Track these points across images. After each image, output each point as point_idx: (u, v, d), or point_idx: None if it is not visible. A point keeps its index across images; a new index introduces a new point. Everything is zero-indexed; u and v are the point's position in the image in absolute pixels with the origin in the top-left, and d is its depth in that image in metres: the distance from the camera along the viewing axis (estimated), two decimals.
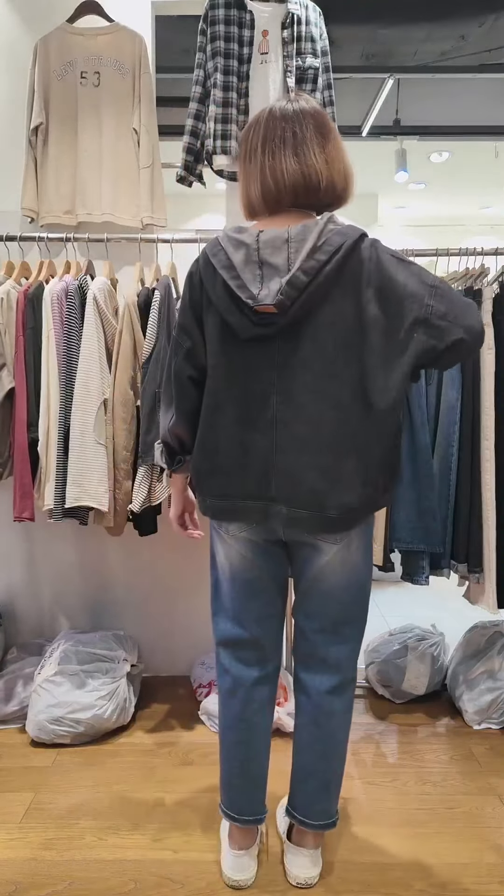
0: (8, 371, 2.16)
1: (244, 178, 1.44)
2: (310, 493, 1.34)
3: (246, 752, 1.56)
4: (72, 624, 2.63)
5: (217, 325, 1.38)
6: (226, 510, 1.42)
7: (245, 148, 1.43)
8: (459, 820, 1.82)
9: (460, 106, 4.65)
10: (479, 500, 2.13)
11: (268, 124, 1.39)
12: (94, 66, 2.37)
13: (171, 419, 1.47)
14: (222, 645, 1.57)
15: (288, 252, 1.31)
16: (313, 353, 1.32)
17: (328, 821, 1.58)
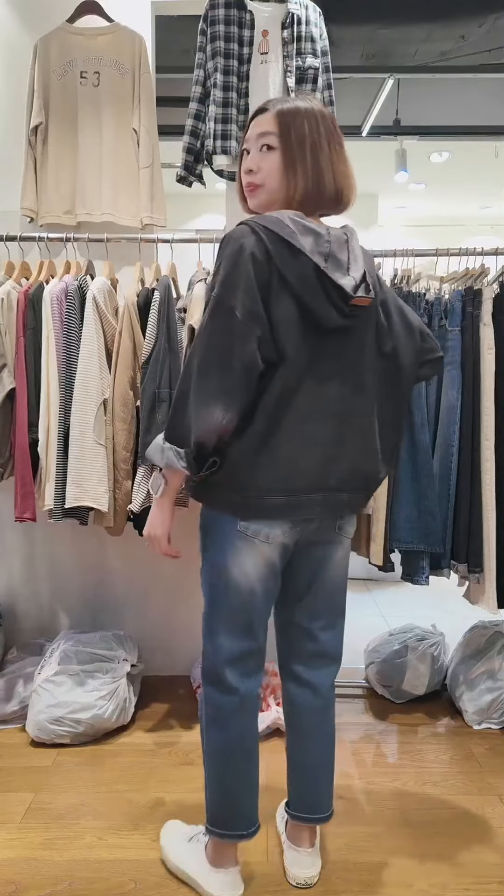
0: (8, 371, 2.16)
1: (292, 166, 1.35)
2: (365, 477, 1.44)
3: (254, 763, 1.52)
4: (72, 624, 2.63)
5: (293, 310, 1.30)
6: (283, 507, 1.35)
7: (314, 135, 1.35)
8: (459, 820, 1.82)
9: (460, 106, 4.65)
10: (479, 500, 2.13)
11: (328, 122, 1.38)
12: (94, 65, 2.37)
13: (223, 417, 1.27)
14: (230, 664, 1.45)
15: (348, 252, 1.36)
16: (367, 347, 1.42)
17: (330, 811, 1.61)
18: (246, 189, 1.43)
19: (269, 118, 1.38)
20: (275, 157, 1.36)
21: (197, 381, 1.28)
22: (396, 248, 2.23)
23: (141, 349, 2.13)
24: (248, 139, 1.42)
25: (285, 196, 1.37)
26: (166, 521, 1.44)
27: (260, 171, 1.38)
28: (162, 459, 1.34)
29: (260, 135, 1.38)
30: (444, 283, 2.31)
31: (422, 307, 2.17)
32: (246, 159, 1.43)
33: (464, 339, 2.14)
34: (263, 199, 1.40)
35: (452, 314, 2.15)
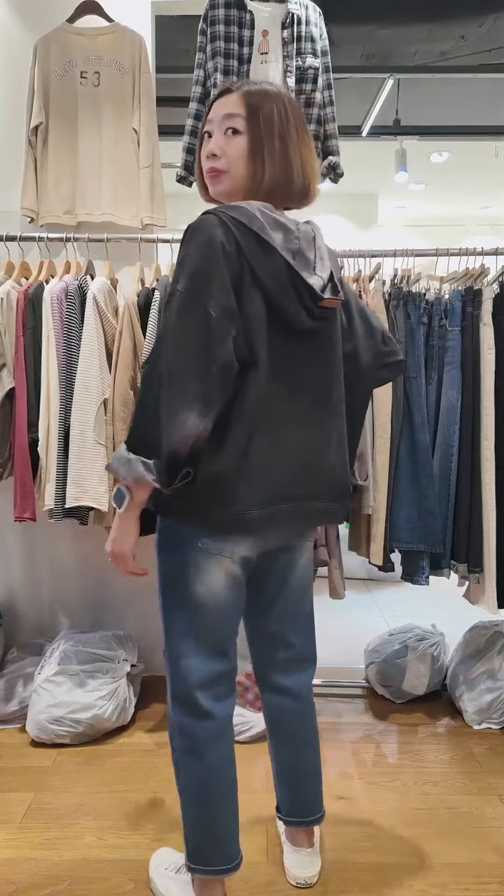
0: (8, 371, 2.16)
1: (259, 152, 1.26)
2: (340, 484, 1.39)
3: (235, 792, 1.42)
4: (72, 624, 2.63)
5: (264, 309, 1.22)
6: (259, 521, 1.25)
7: (283, 121, 1.28)
8: (459, 820, 1.82)
9: (460, 106, 4.66)
10: (479, 500, 2.13)
11: (296, 109, 1.31)
12: (94, 65, 2.37)
13: (199, 424, 1.14)
14: (202, 688, 1.35)
15: (315, 250, 1.28)
16: (335, 350, 1.37)
17: (322, 811, 1.60)
18: (207, 175, 1.31)
19: (235, 99, 1.29)
20: (241, 141, 1.27)
21: (169, 385, 1.14)
22: (396, 248, 2.23)
23: (141, 349, 2.13)
24: (212, 120, 1.31)
25: (250, 185, 1.28)
26: (132, 537, 1.34)
27: (224, 156, 1.28)
28: (129, 472, 1.19)
29: (225, 116, 1.28)
30: (444, 283, 2.31)
31: (422, 307, 2.17)
32: (208, 142, 1.32)
33: (464, 339, 2.14)
34: (227, 186, 1.30)
35: (452, 314, 2.15)
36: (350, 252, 2.25)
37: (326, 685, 2.57)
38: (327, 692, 2.53)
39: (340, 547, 2.24)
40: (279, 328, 1.24)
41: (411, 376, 2.15)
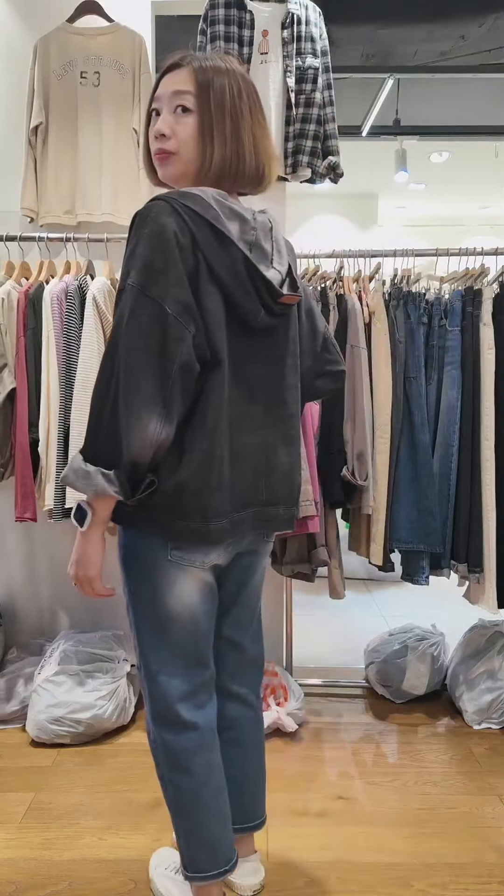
0: (9, 371, 2.16)
1: (208, 132, 1.17)
2: (296, 488, 1.35)
3: (225, 796, 1.39)
4: (72, 624, 2.63)
5: (220, 305, 1.15)
6: (227, 530, 1.21)
7: (234, 99, 1.19)
8: (459, 820, 1.82)
9: (460, 106, 4.65)
10: (479, 500, 2.13)
11: (250, 87, 1.22)
12: (94, 65, 2.37)
13: (160, 429, 1.09)
14: (183, 700, 1.31)
15: (272, 241, 1.23)
16: (292, 349, 1.31)
17: (264, 816, 1.57)
18: (156, 156, 1.22)
19: (185, 75, 1.19)
20: (190, 120, 1.18)
21: (125, 388, 1.07)
22: (396, 248, 2.23)
23: None
24: (160, 97, 1.21)
25: (199, 167, 1.20)
26: (97, 557, 1.25)
27: (174, 137, 1.19)
28: (88, 485, 1.10)
29: (175, 93, 1.19)
30: (444, 283, 2.31)
31: (422, 307, 2.17)
32: (155, 121, 1.22)
33: (464, 339, 2.14)
34: (177, 169, 1.21)
35: (452, 314, 2.15)
36: (350, 252, 2.25)
37: (326, 685, 2.57)
38: (327, 692, 2.53)
39: (340, 547, 2.24)
40: (236, 326, 1.18)
41: (411, 376, 2.15)
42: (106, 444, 1.10)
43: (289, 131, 2.24)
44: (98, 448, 1.11)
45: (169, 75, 1.21)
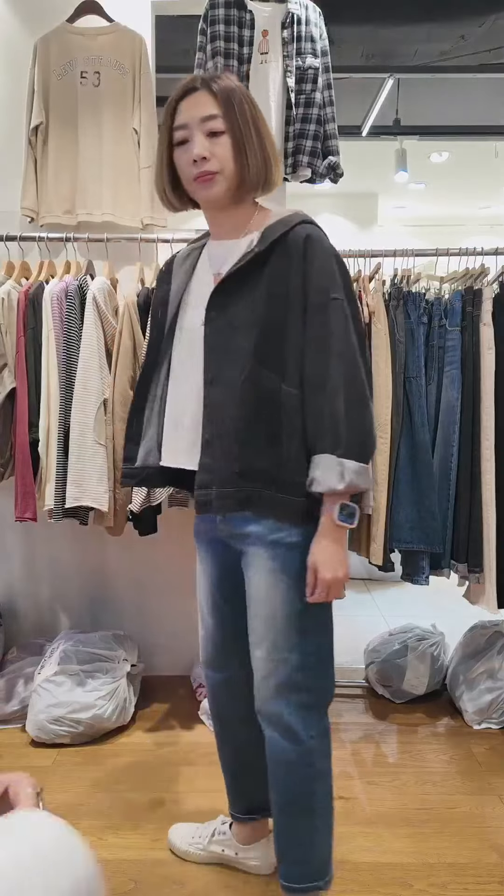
0: (9, 371, 2.16)
1: (242, 148, 1.28)
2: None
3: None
4: (72, 624, 2.63)
5: None
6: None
7: (252, 110, 1.30)
8: (459, 820, 1.82)
9: (460, 106, 4.66)
10: (479, 500, 2.13)
11: (250, 97, 1.34)
12: (94, 65, 2.37)
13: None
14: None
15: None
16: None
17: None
18: (198, 181, 1.29)
19: (207, 99, 1.27)
20: (225, 140, 1.27)
21: (363, 389, 1.27)
22: (396, 248, 2.23)
23: (141, 349, 2.13)
24: (187, 125, 1.27)
25: (240, 183, 1.29)
26: (347, 558, 1.31)
27: (214, 157, 1.27)
28: (368, 481, 1.26)
29: (204, 119, 1.26)
30: (444, 283, 2.31)
31: (422, 307, 2.17)
32: (187, 148, 1.28)
33: (464, 339, 2.14)
34: (221, 187, 1.29)
35: (452, 314, 2.15)
36: (350, 252, 2.25)
37: None
38: None
39: None
40: None
41: (411, 376, 2.15)
42: (371, 440, 1.29)
43: (289, 131, 2.24)
44: (369, 445, 1.28)
45: (186, 101, 1.28)
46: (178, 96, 1.29)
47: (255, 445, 1.27)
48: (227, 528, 1.36)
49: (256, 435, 1.27)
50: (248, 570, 1.35)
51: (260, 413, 1.27)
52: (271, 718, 1.35)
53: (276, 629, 1.31)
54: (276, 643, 1.31)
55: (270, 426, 1.27)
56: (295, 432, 1.28)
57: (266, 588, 1.31)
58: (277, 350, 1.27)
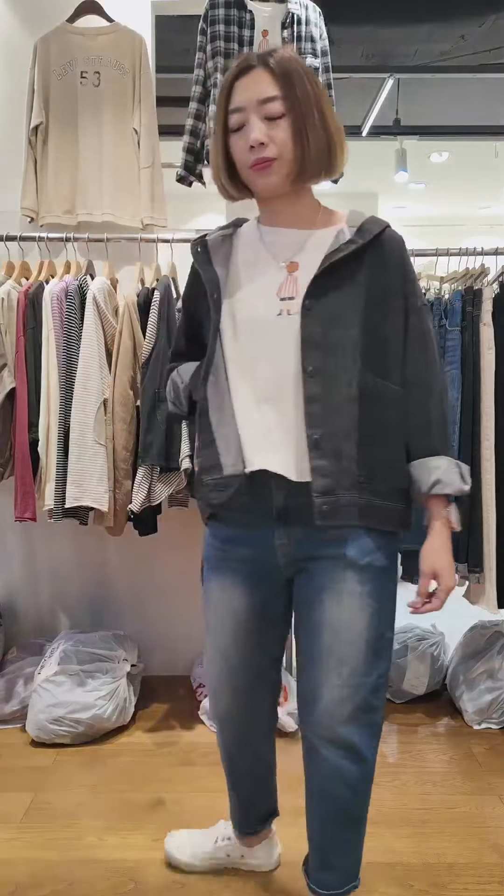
0: (9, 371, 2.16)
1: (303, 131, 1.17)
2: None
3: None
4: (72, 624, 2.63)
5: None
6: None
7: (314, 88, 1.19)
8: (459, 820, 1.82)
9: (460, 106, 4.66)
10: (480, 500, 2.13)
11: (312, 71, 1.26)
12: (94, 65, 2.37)
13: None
14: None
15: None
16: None
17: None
18: (256, 168, 1.18)
19: (264, 78, 1.17)
20: (285, 123, 1.16)
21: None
22: None
23: (141, 349, 2.13)
24: (243, 107, 1.18)
25: (300, 169, 1.19)
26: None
27: (273, 142, 1.16)
28: (468, 482, 1.23)
29: (262, 102, 1.16)
30: (444, 283, 2.31)
31: None
32: (243, 132, 1.18)
33: (464, 339, 2.14)
34: (280, 174, 1.19)
35: (452, 314, 2.15)
36: None
37: None
38: None
39: None
40: None
41: None
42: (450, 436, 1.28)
43: None
44: (449, 440, 1.27)
45: (242, 81, 1.19)
46: (233, 76, 1.20)
47: (370, 446, 1.19)
48: (306, 547, 1.23)
49: (371, 435, 1.19)
50: (322, 592, 1.23)
51: (371, 411, 1.19)
52: (339, 742, 1.26)
53: (357, 654, 1.22)
54: (356, 668, 1.23)
55: (380, 426, 1.21)
56: (399, 432, 1.23)
57: (350, 612, 1.22)
58: (381, 348, 1.22)
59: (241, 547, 1.29)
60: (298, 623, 1.30)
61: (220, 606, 1.33)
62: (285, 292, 1.21)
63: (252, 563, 1.28)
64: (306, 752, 1.31)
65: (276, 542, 1.24)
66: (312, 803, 1.34)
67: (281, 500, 1.21)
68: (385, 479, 1.21)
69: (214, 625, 1.34)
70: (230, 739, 1.46)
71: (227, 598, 1.31)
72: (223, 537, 1.32)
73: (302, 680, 1.29)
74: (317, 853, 1.36)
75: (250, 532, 1.26)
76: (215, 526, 1.33)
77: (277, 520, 1.22)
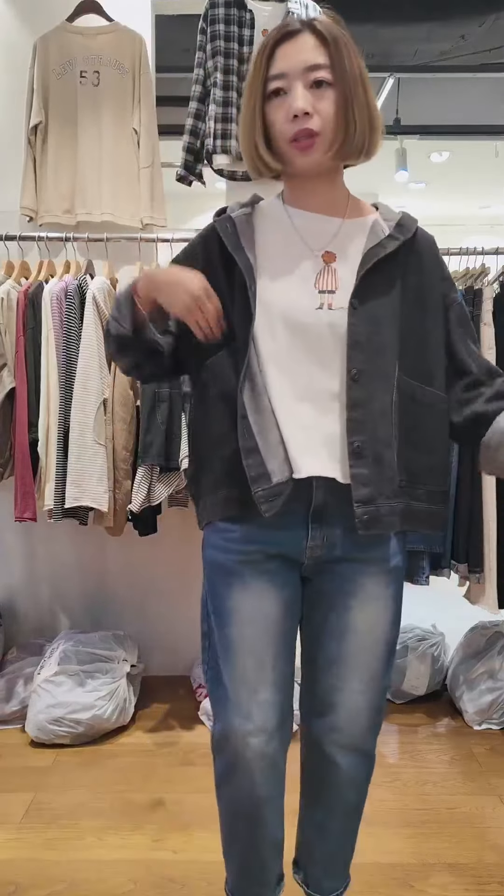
0: (8, 371, 2.16)
1: (349, 107, 1.08)
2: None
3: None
4: (72, 624, 2.63)
5: None
6: None
7: (359, 62, 1.10)
8: (460, 820, 1.82)
9: (460, 105, 4.66)
10: (480, 500, 2.12)
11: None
12: (94, 65, 2.37)
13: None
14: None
15: None
16: None
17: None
18: (296, 142, 1.07)
19: (311, 44, 1.06)
20: (331, 94, 1.06)
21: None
22: None
23: None
24: (286, 73, 1.06)
25: (340, 147, 1.09)
26: None
27: (318, 114, 1.05)
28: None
29: (308, 68, 1.05)
30: None
31: None
32: (284, 100, 1.06)
33: None
34: (321, 151, 1.08)
35: None
36: None
37: None
38: None
39: None
40: None
41: None
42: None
43: None
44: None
45: (287, 46, 1.07)
46: (275, 39, 1.08)
47: (412, 452, 1.14)
48: (336, 550, 1.15)
49: (412, 441, 1.14)
50: (348, 597, 1.17)
51: (416, 418, 1.14)
52: (359, 751, 1.23)
53: (379, 658, 1.19)
54: (376, 673, 1.19)
55: (421, 431, 1.15)
56: (445, 439, 1.19)
57: (374, 616, 1.18)
58: (420, 351, 1.16)
59: (266, 545, 1.15)
60: (315, 626, 1.22)
61: (254, 619, 1.15)
62: (323, 285, 1.12)
63: (279, 562, 1.16)
64: (316, 760, 1.26)
65: (308, 544, 1.15)
66: (319, 812, 1.30)
67: (321, 499, 1.12)
68: (426, 483, 1.16)
69: (252, 641, 1.16)
70: (264, 773, 1.18)
71: (258, 606, 1.16)
72: (242, 538, 1.16)
73: (313, 684, 1.23)
74: (320, 863, 1.34)
75: (278, 531, 1.14)
76: (226, 528, 1.17)
77: (313, 521, 1.14)
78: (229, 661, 1.16)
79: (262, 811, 1.21)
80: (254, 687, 1.15)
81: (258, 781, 1.18)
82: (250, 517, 1.13)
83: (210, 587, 1.20)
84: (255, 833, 1.23)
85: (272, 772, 1.19)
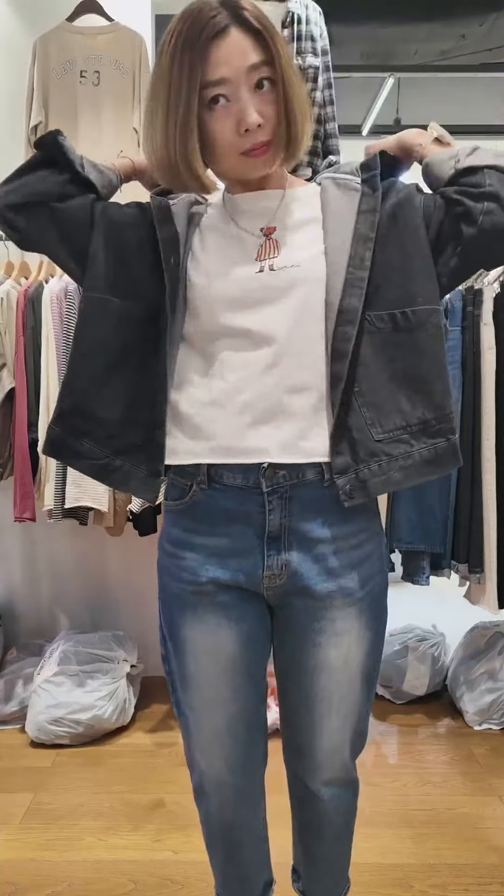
0: (8, 371, 2.16)
1: (291, 103, 0.95)
2: None
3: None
4: (72, 624, 2.63)
5: None
6: None
7: (284, 46, 1.00)
8: (460, 820, 1.82)
9: (460, 105, 4.66)
10: (480, 500, 2.12)
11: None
12: (94, 65, 2.37)
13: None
14: None
15: None
16: None
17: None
18: (252, 154, 0.94)
19: (246, 39, 0.93)
20: (273, 95, 0.93)
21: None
22: None
23: None
24: (227, 79, 0.90)
25: (287, 147, 0.97)
26: None
27: (267, 121, 0.92)
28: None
29: (251, 69, 0.91)
30: None
31: None
32: (228, 110, 0.91)
33: (464, 338, 2.14)
34: (275, 156, 0.96)
35: (453, 314, 2.14)
36: None
37: None
38: None
39: None
40: None
41: None
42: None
43: None
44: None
45: (221, 45, 0.91)
46: (208, 37, 0.90)
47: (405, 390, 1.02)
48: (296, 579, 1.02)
49: (401, 376, 1.02)
50: (319, 635, 1.04)
51: (398, 349, 1.01)
52: (341, 782, 1.17)
53: (354, 691, 1.08)
54: (353, 706, 1.09)
55: (411, 360, 1.01)
56: (440, 360, 1.03)
57: (346, 651, 1.05)
58: (402, 275, 1.02)
59: (234, 572, 1.04)
60: (285, 661, 1.11)
61: (209, 652, 1.07)
62: (265, 255, 1.00)
63: (245, 598, 1.05)
64: (301, 791, 1.20)
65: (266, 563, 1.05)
66: (308, 836, 1.27)
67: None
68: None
69: (208, 675, 1.08)
70: (228, 800, 1.17)
71: (213, 643, 1.06)
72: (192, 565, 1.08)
73: (289, 721, 1.15)
74: (317, 880, 1.33)
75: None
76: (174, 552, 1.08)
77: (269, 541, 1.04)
78: (188, 691, 1.09)
79: (234, 834, 1.19)
80: (214, 721, 1.09)
81: (225, 808, 1.16)
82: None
83: (164, 612, 1.10)
84: (230, 853, 1.21)
85: (240, 797, 1.16)
